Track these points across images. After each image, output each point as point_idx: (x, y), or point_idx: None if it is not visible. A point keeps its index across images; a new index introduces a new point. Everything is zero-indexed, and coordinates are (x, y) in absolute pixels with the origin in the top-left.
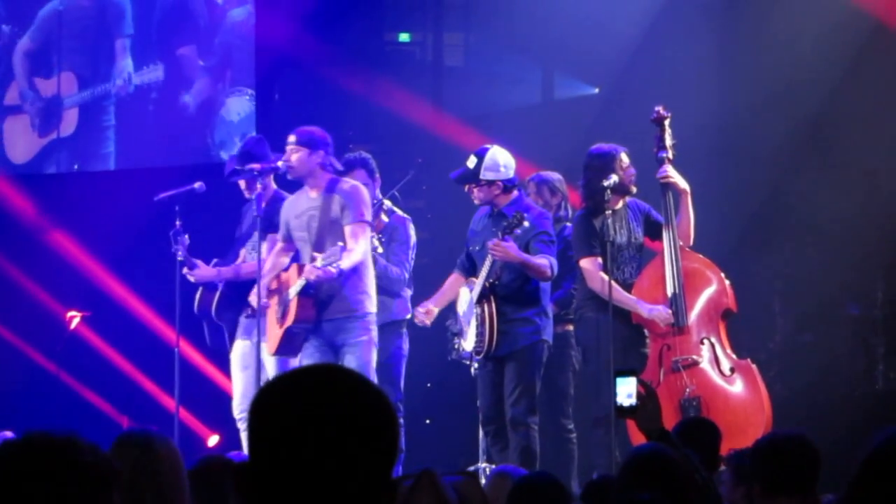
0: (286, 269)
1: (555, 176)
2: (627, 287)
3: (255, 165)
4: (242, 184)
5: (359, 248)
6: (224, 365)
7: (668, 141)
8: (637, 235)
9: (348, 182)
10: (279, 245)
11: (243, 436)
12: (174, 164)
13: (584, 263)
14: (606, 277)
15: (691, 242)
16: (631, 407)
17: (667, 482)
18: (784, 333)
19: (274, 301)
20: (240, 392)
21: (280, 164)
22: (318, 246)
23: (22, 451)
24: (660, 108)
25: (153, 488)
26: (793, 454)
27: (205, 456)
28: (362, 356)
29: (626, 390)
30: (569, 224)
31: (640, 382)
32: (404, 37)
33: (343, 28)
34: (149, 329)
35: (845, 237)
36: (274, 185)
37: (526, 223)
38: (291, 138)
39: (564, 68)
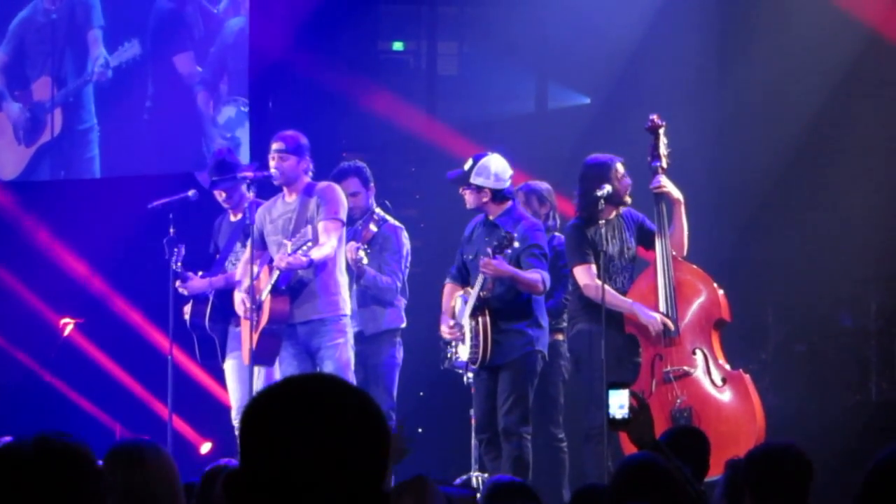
0: (257, 277)
1: (543, 186)
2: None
3: (248, 174)
4: (221, 195)
5: (330, 243)
6: (217, 373)
7: (663, 150)
8: (630, 246)
9: (324, 183)
10: (248, 254)
11: None
12: (168, 172)
13: (578, 271)
14: (600, 283)
15: (685, 252)
16: (623, 419)
17: (658, 493)
18: (777, 344)
19: (248, 309)
20: (238, 402)
21: (274, 171)
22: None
23: (38, 453)
24: (654, 117)
25: (143, 501)
26: (785, 465)
27: (214, 467)
28: (339, 359)
29: (619, 402)
30: (558, 234)
31: (633, 395)
32: (398, 46)
33: (337, 37)
34: (142, 336)
35: (838, 248)
36: (250, 195)
37: (516, 244)
38: (279, 145)
39: (558, 78)
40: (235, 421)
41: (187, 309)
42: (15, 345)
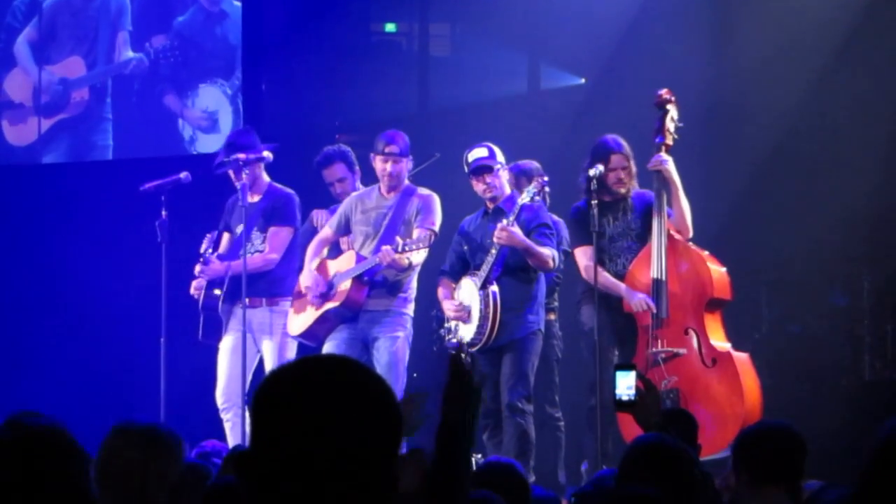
0: (333, 257)
1: (533, 164)
2: (620, 278)
3: (241, 155)
4: (233, 175)
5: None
6: (212, 356)
7: (670, 126)
8: (634, 226)
9: (425, 190)
10: (326, 234)
11: (227, 426)
12: (160, 155)
13: (577, 253)
14: (592, 265)
15: (690, 234)
16: (630, 401)
17: (666, 473)
18: (770, 324)
19: (310, 286)
20: (224, 381)
21: (267, 154)
22: (384, 242)
23: (17, 437)
24: (663, 92)
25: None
26: (779, 443)
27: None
28: (395, 352)
29: (626, 384)
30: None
31: (640, 376)
32: (390, 27)
33: (329, 18)
34: (134, 318)
35: (831, 227)
36: (266, 178)
37: (537, 198)
38: (393, 149)
39: (551, 59)
40: (219, 401)
41: (195, 284)
42: (7, 329)
